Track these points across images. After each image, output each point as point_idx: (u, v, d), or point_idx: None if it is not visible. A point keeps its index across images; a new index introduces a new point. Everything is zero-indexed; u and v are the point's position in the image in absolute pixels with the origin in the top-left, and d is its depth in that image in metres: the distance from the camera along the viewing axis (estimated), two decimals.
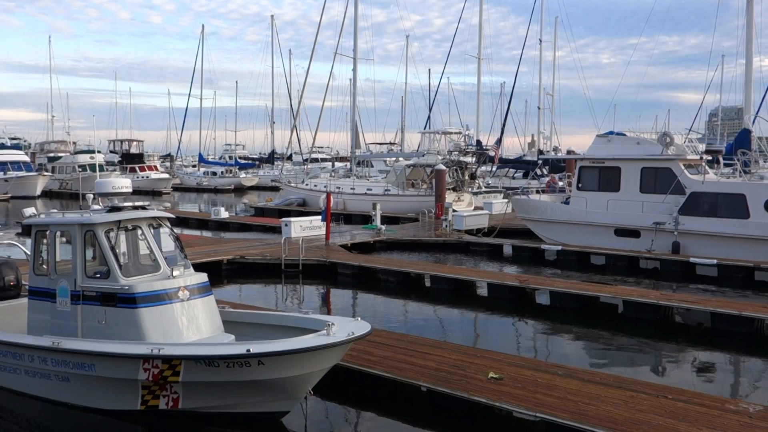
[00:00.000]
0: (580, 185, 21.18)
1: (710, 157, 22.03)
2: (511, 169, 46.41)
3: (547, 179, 33.58)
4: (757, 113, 31.13)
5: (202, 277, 8.44)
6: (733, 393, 9.11)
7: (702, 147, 23.06)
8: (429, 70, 70.55)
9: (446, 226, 23.32)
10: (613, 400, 7.38)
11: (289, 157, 62.93)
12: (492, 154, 41.20)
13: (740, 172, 20.38)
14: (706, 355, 10.99)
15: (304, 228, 21.16)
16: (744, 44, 22.84)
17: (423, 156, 35.61)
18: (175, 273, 8.09)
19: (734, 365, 10.57)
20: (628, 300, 12.91)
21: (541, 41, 52.54)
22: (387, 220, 26.23)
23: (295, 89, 60.29)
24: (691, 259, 17.38)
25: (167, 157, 76.57)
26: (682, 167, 19.33)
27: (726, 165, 22.48)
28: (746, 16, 22.44)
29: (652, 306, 12.57)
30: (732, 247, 17.76)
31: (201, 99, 64.98)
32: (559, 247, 19.59)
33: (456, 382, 7.98)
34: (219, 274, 16.20)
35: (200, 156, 69.86)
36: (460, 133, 37.78)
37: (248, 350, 6.86)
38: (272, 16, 65.87)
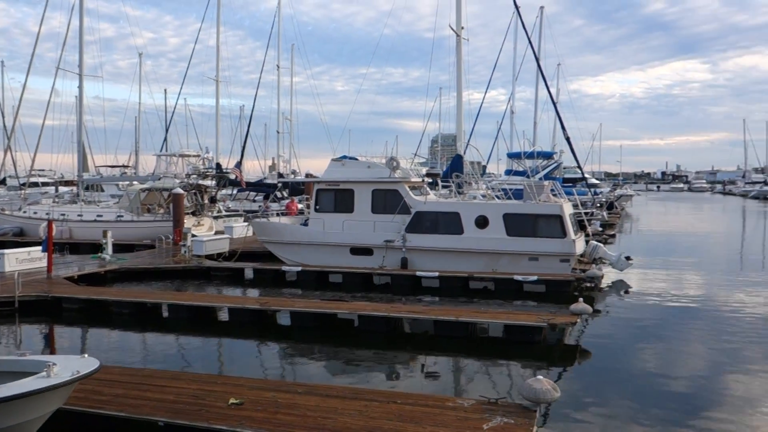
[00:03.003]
0: (317, 207, 22.00)
1: (430, 180, 24.40)
2: (252, 192, 46.50)
3: (287, 202, 34.23)
4: (468, 141, 35.13)
5: None
6: (453, 391, 10.11)
7: (424, 170, 25.47)
8: (165, 90, 68.08)
9: (185, 251, 22.59)
10: (349, 411, 7.77)
11: (2, 182, 56.00)
12: (233, 176, 40.91)
13: (455, 193, 22.90)
14: (431, 359, 12.03)
15: (20, 260, 19.04)
16: (456, 79, 25.75)
17: (159, 179, 34.15)
18: None
19: (454, 366, 11.72)
20: (363, 314, 13.73)
21: (278, 67, 53.79)
22: (120, 248, 24.62)
23: (10, 105, 54.02)
24: (417, 273, 19.03)
25: None
26: (408, 189, 21.11)
27: (444, 186, 25.07)
28: (456, 54, 25.33)
29: (384, 318, 13.51)
30: (451, 260, 19.82)
31: None
32: (299, 268, 20.12)
33: (195, 412, 7.77)
34: None
35: None
36: (198, 155, 36.95)
37: None
38: None
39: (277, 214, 25.64)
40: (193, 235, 24.17)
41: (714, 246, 32.54)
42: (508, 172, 45.09)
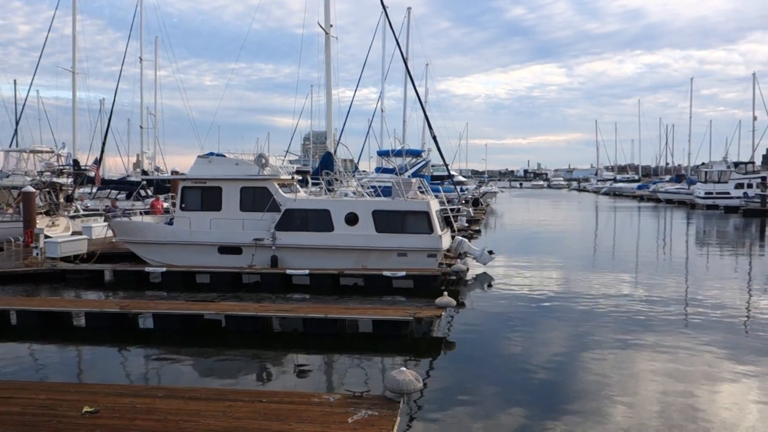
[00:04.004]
0: (183, 205, 21.26)
1: (300, 177, 24.27)
2: (113, 191, 44.16)
3: (151, 200, 32.80)
4: (339, 139, 35.23)
5: None
6: (321, 388, 10.13)
7: (295, 168, 25.29)
8: (15, 81, 63.16)
9: (38, 254, 21.05)
10: (212, 413, 7.57)
11: None
12: (92, 174, 38.65)
13: (325, 190, 22.95)
14: (301, 357, 11.97)
15: None
16: (325, 77, 25.75)
17: (8, 177, 31.63)
18: None
19: (323, 363, 11.73)
20: (230, 315, 13.43)
21: (141, 59, 51.42)
22: None
23: None
24: (288, 271, 18.88)
25: None
26: (277, 186, 20.88)
27: (314, 184, 25.02)
28: (325, 52, 25.35)
29: (252, 318, 13.29)
30: (322, 258, 19.83)
31: None
32: (164, 269, 19.36)
33: (45, 424, 7.27)
34: None
35: None
36: (52, 151, 34.53)
37: None
38: None
39: (141, 213, 24.51)
40: (47, 236, 22.58)
41: (570, 239, 34.77)
42: (378, 170, 45.76)
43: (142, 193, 40.46)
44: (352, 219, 20.06)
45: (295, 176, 23.20)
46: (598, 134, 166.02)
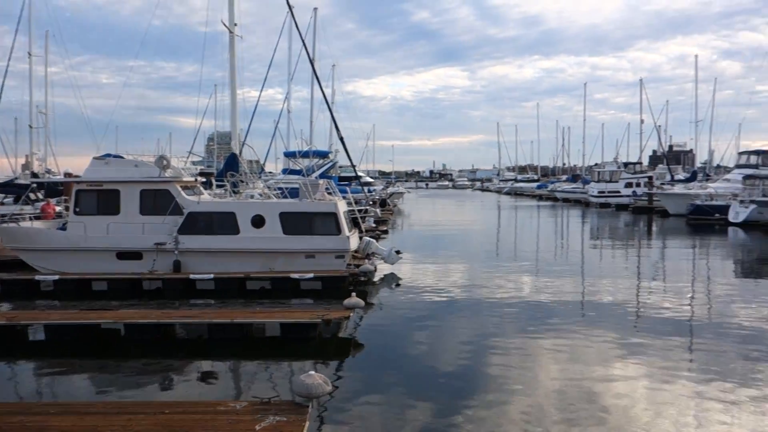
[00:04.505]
0: (77, 209, 20.17)
1: (204, 179, 23.61)
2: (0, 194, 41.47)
3: (42, 204, 31.00)
4: (244, 140, 34.57)
5: None
6: (228, 395, 9.85)
7: (198, 169, 24.58)
8: None
9: None
10: (111, 428, 7.19)
11: None
12: None
13: (230, 192, 22.42)
14: (206, 365, 11.61)
15: None
16: (230, 76, 25.15)
17: None
18: None
19: (230, 370, 11.43)
20: (130, 323, 12.84)
21: (30, 54, 48.63)
22: None
23: None
24: (191, 276, 18.28)
25: None
26: (179, 189, 20.19)
27: (219, 186, 24.40)
28: (229, 51, 24.76)
29: (154, 325, 12.77)
30: (227, 261, 19.34)
31: None
32: (56, 277, 18.30)
33: None
34: None
35: None
36: None
37: None
38: None
39: (30, 218, 23.08)
40: None
41: (475, 238, 35.63)
42: (285, 171, 45.27)
43: (32, 196, 38.16)
44: (258, 221, 19.69)
45: (199, 178, 22.53)
46: (499, 136, 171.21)
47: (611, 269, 23.23)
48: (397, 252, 22.19)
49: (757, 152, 56.98)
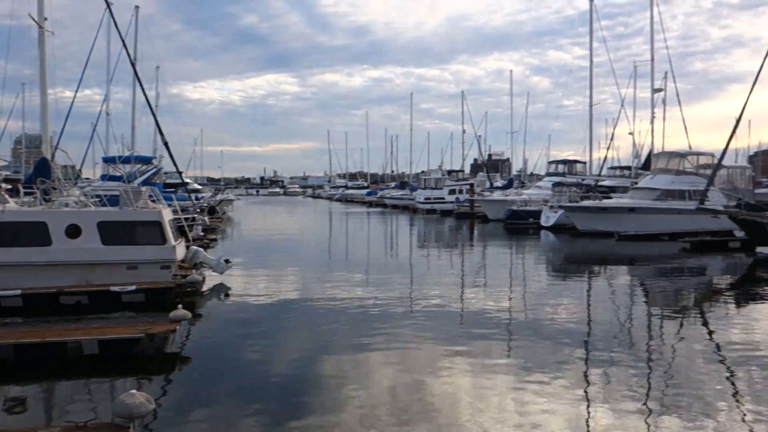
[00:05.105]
0: None
1: (10, 186, 21.55)
2: None
3: None
4: (57, 143, 32.06)
5: None
6: (40, 421, 9.08)
7: (3, 175, 22.38)
8: None
9: None
10: None
11: None
12: None
13: (41, 200, 20.65)
14: (14, 389, 10.59)
15: None
16: (39, 74, 23.18)
17: None
18: None
19: (43, 393, 10.57)
20: None
21: None
22: None
23: None
24: None
25: None
26: None
27: (28, 193, 22.37)
28: (39, 47, 22.84)
29: None
30: (37, 276, 17.76)
31: None
32: None
33: None
34: None
35: None
36: None
37: None
38: None
39: None
40: None
41: (306, 244, 35.78)
42: (104, 177, 42.50)
43: None
44: (73, 231, 18.29)
45: (3, 185, 20.50)
46: (330, 143, 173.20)
47: (437, 272, 24.41)
48: (227, 261, 21.71)
49: (564, 161, 62.84)
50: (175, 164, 32.53)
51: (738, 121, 33.75)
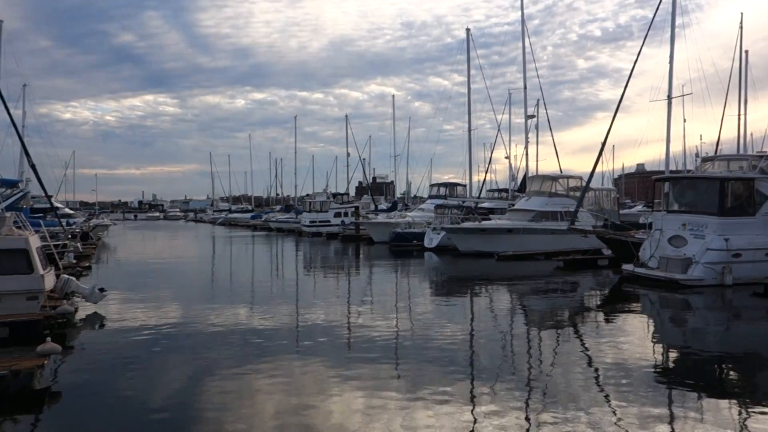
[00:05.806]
0: None
1: None
2: None
3: None
4: None
5: None
6: None
7: None
8: None
9: None
10: None
11: None
12: None
13: None
14: None
15: None
16: None
17: None
18: None
19: None
20: None
21: None
22: None
23: None
24: None
25: None
26: None
27: None
28: None
29: None
30: None
31: None
32: None
33: None
34: None
35: None
36: None
37: None
38: None
39: None
40: None
41: (188, 271, 34.59)
42: None
43: None
44: None
45: None
46: (213, 166, 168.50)
47: (324, 296, 24.31)
48: (101, 290, 20.57)
49: (445, 184, 64.74)
50: (43, 188, 30.72)
51: (603, 145, 36.36)
